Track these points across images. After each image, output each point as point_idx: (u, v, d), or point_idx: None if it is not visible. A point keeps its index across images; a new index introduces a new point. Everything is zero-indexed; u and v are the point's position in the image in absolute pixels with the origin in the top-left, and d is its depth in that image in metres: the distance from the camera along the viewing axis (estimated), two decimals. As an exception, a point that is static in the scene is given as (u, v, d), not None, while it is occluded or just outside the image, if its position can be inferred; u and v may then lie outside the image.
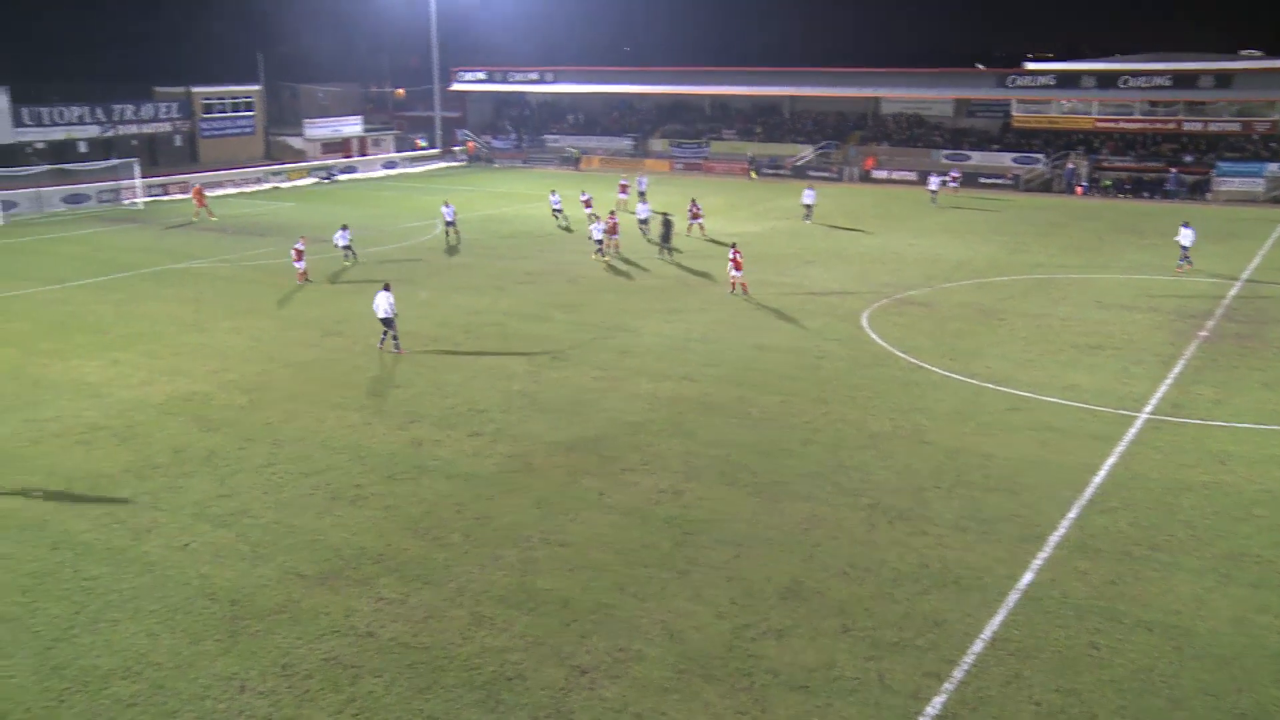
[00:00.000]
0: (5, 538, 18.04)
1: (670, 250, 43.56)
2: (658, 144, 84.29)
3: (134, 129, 77.26)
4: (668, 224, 43.93)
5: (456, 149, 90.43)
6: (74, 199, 63.10)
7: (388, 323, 29.29)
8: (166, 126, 79.87)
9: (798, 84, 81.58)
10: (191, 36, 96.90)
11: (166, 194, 67.91)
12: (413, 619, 15.54)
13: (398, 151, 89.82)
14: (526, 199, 62.84)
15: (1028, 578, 16.65)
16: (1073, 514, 18.91)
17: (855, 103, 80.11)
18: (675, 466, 21.13)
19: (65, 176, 64.13)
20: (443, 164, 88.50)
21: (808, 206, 53.71)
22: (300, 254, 39.32)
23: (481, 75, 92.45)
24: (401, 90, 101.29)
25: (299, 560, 17.28)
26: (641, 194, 55.14)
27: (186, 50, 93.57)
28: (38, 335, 31.92)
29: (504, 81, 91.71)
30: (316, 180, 77.60)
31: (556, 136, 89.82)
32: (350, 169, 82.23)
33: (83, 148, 73.09)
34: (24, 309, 35.45)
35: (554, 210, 54.27)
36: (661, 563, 17.22)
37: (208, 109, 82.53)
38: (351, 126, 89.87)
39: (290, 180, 76.50)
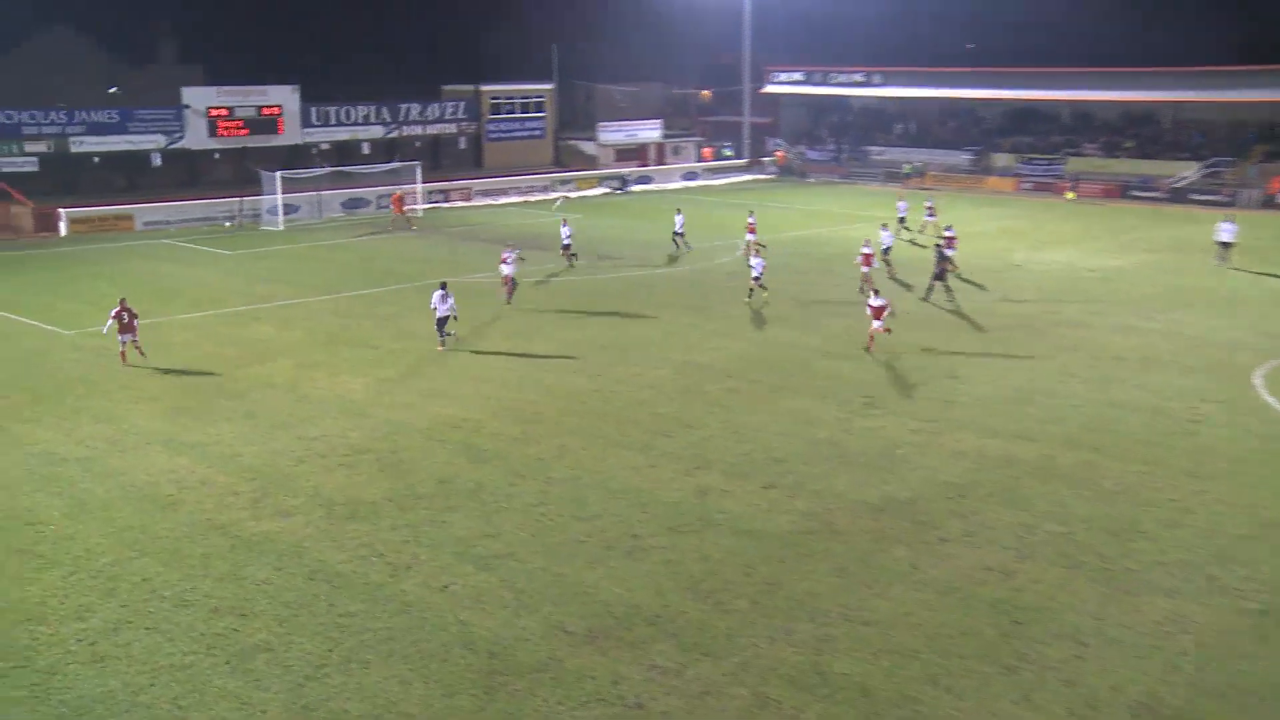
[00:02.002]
0: (266, 563, 19.59)
1: (940, 290, 41.00)
2: (1001, 159, 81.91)
3: (418, 130, 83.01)
4: (942, 257, 41.18)
5: (766, 160, 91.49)
6: (353, 203, 68.56)
7: (442, 322, 33.18)
8: (451, 128, 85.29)
9: (1185, 87, 75.67)
10: (483, 30, 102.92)
11: (447, 200, 72.54)
12: (688, 693, 15.60)
13: (699, 161, 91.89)
14: (844, 219, 62.66)
15: None
16: None
17: (1258, 109, 74.03)
18: (1005, 541, 20.29)
19: (346, 180, 69.78)
20: (749, 176, 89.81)
21: (1224, 245, 48.60)
22: (505, 268, 40.07)
23: (798, 76, 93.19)
24: (708, 92, 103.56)
25: (566, 614, 17.77)
26: (901, 220, 54.23)
27: (476, 46, 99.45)
28: (310, 346, 34.70)
29: (823, 84, 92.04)
30: (608, 190, 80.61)
31: (881, 148, 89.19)
32: (645, 179, 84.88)
33: (366, 149, 79.32)
34: (300, 318, 38.67)
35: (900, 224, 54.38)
36: (984, 655, 16.51)
37: (495, 109, 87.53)
38: (650, 132, 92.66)
39: (579, 189, 79.85)
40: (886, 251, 46.02)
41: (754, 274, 40.38)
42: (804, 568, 19.31)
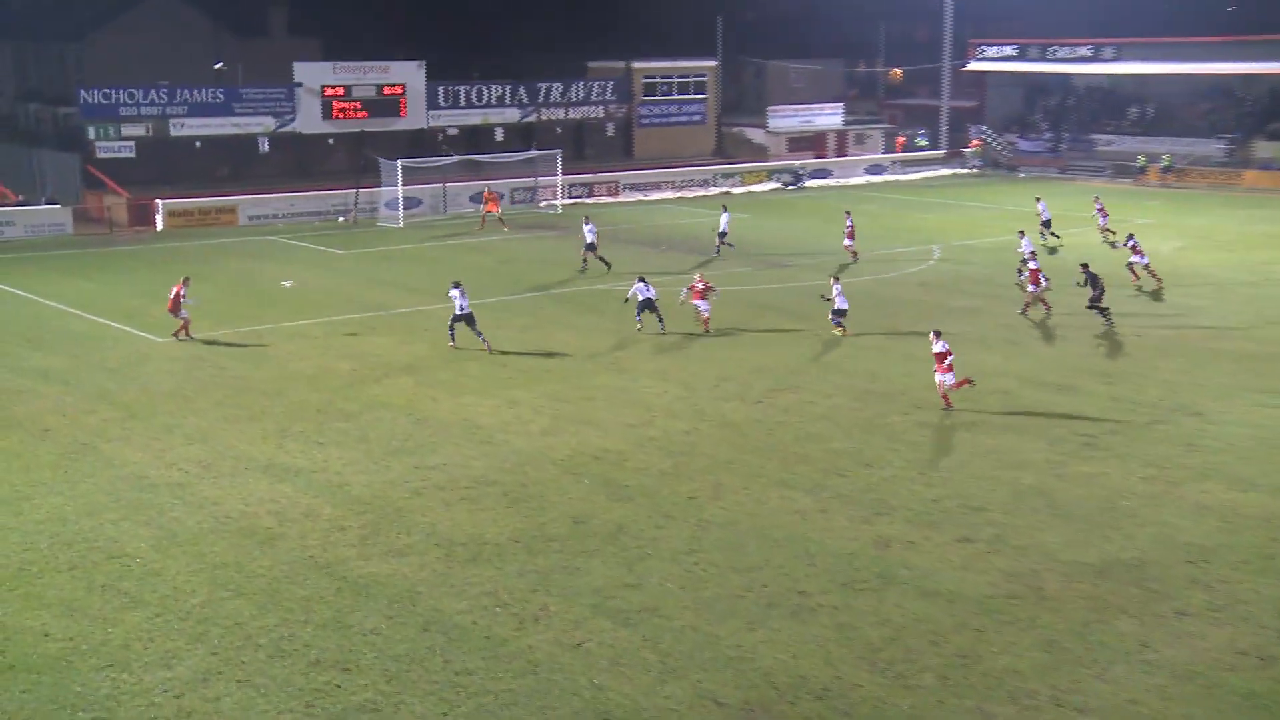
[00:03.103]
0: (375, 610, 20.00)
1: (1103, 313, 39.57)
2: (1265, 149, 79.14)
3: (559, 113, 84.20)
4: (1092, 279, 39.37)
5: (967, 151, 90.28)
6: (483, 198, 69.65)
7: (468, 320, 36.04)
8: (597, 111, 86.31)
9: None
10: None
11: (591, 195, 73.37)
12: (860, 784, 15.41)
13: (887, 152, 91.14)
14: (1064, 222, 61.46)
15: None
16: None
17: None
18: (1264, 619, 19.59)
19: (475, 170, 71.12)
20: (947, 170, 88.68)
21: None
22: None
23: (1010, 51, 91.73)
24: (899, 71, 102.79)
25: (718, 682, 17.74)
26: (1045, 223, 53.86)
27: (628, 17, 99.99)
28: (432, 362, 35.43)
29: (1041, 59, 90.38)
30: (778, 185, 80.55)
31: (1110, 137, 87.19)
32: (822, 172, 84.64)
33: (499, 135, 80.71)
34: (421, 329, 39.52)
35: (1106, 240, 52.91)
36: (1228, 757, 15.94)
37: (649, 89, 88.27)
38: (829, 117, 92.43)
39: (744, 184, 79.98)
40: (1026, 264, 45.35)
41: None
42: (1005, 639, 18.94)
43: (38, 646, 18.72)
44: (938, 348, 30.44)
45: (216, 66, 76.61)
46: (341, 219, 65.97)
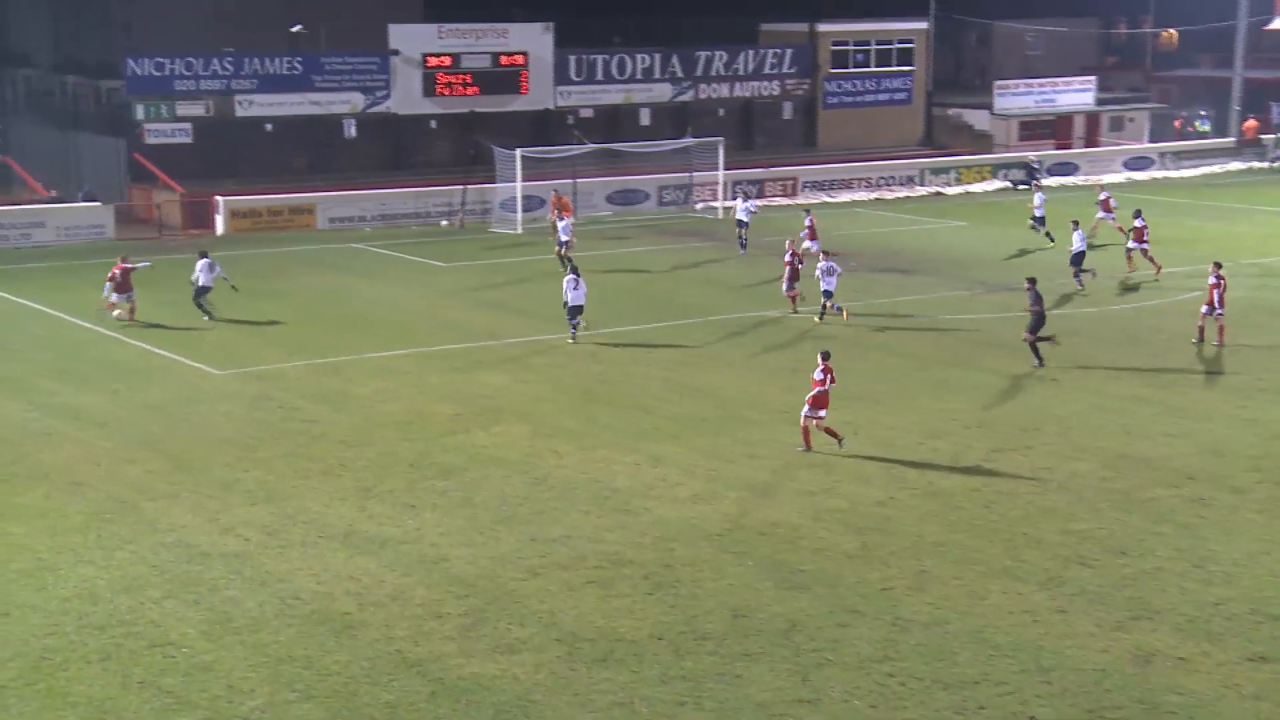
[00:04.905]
0: (478, 718, 20.01)
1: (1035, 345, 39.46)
2: None
3: (723, 91, 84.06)
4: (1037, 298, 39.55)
5: (1268, 139, 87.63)
6: (624, 197, 69.79)
7: (575, 311, 41.64)
8: (772, 88, 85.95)
9: None
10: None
11: (761, 196, 73.01)
12: None
13: (1155, 141, 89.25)
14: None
15: None
16: None
17: None
18: None
19: (614, 163, 71.29)
20: (1238, 164, 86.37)
21: None
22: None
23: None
24: (1172, 32, 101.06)
25: (920, 833, 17.39)
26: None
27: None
28: (555, 406, 35.59)
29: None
30: (1006, 184, 79.52)
31: None
32: (1066, 167, 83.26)
33: (645, 119, 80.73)
34: (542, 363, 39.85)
35: None
36: None
37: (839, 60, 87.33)
38: (1076, 94, 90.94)
39: (960, 183, 79.21)
40: (1078, 261, 49.64)
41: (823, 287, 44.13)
42: (1306, 789, 18.33)
43: (59, 757, 19.00)
44: (816, 374, 31.93)
45: (294, 29, 77.45)
46: (445, 222, 66.80)
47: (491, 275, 53.85)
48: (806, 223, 53.52)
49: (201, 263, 45.12)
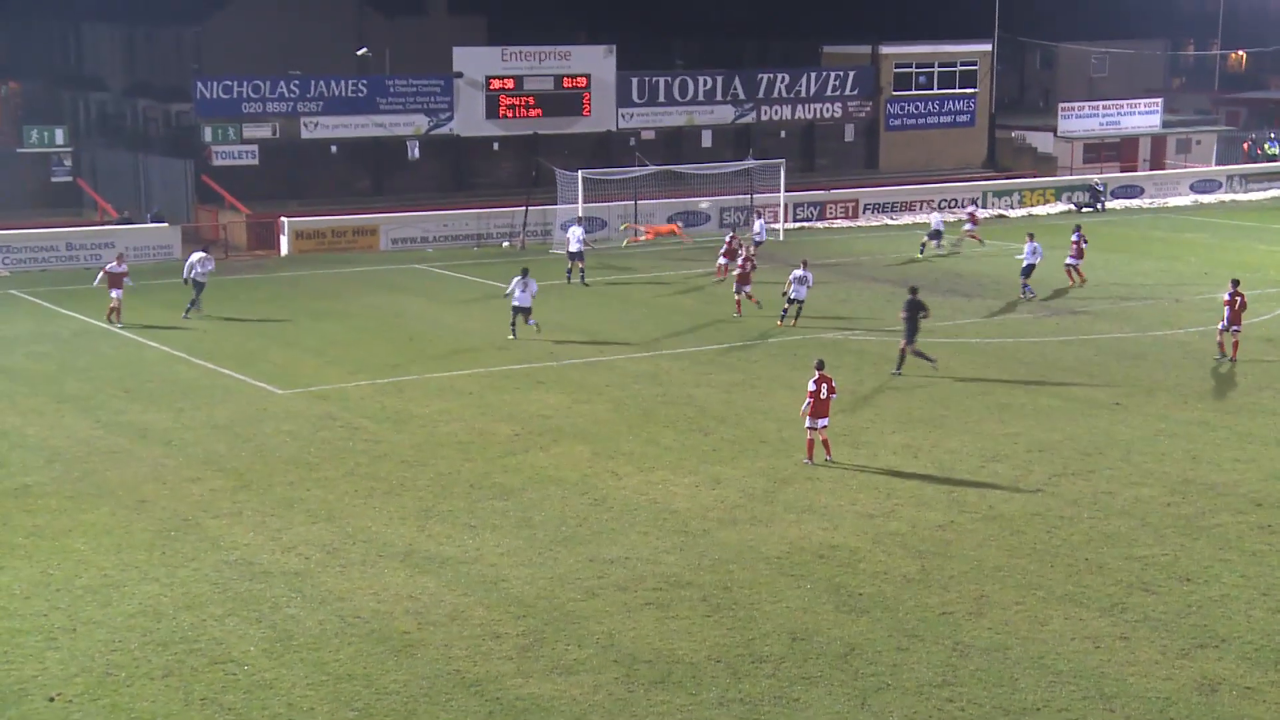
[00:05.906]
0: (534, 741, 20.03)
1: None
2: None
3: (785, 112, 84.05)
4: (912, 306, 41.32)
5: None
6: (685, 219, 69.84)
7: (522, 312, 44.66)
8: (834, 110, 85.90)
9: None
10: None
11: (822, 217, 72.84)
12: None
13: (1223, 163, 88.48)
14: None
15: None
16: None
17: None
18: None
19: (675, 184, 71.29)
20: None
21: None
22: None
23: None
24: (1241, 54, 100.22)
25: None
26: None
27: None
28: (615, 427, 35.62)
29: None
30: (1070, 207, 79.19)
31: None
32: (1131, 190, 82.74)
33: (706, 141, 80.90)
34: (601, 384, 39.86)
35: None
36: None
37: (901, 82, 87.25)
38: (1142, 117, 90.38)
39: (1024, 205, 78.88)
40: (1027, 273, 52.36)
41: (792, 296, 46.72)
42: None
43: (121, 773, 19.11)
44: (810, 385, 32.47)
45: (360, 52, 78.19)
46: (507, 243, 66.98)
47: (552, 296, 53.78)
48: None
49: (198, 255, 48.29)
